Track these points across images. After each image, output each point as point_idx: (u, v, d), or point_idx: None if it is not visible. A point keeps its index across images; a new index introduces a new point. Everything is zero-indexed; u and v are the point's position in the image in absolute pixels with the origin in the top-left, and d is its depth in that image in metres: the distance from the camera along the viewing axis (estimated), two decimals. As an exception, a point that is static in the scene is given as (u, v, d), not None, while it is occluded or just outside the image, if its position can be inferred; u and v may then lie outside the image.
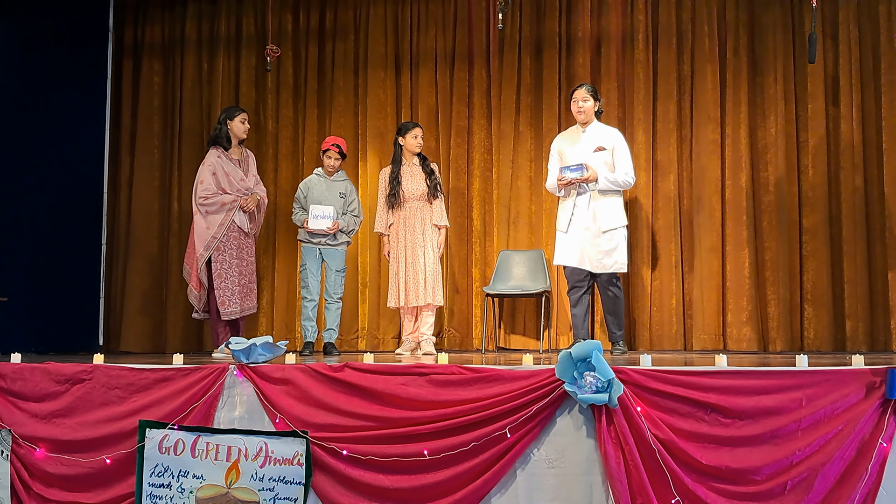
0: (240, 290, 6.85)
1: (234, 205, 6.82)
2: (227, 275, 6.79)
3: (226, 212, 6.80)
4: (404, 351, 7.00)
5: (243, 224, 6.87)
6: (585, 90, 6.68)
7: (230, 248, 6.81)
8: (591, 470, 4.32)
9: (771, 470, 4.10)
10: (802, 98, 7.62)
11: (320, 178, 7.23)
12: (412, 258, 6.91)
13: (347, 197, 7.27)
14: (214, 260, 6.77)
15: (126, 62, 8.88)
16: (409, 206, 6.96)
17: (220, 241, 6.77)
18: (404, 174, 6.98)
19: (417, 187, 6.95)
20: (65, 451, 5.00)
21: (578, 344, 4.32)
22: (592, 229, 6.49)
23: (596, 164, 6.53)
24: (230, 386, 4.89)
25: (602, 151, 6.57)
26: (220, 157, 6.91)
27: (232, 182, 6.86)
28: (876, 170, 7.38)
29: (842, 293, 7.37)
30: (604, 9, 8.05)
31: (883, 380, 4.09)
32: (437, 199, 7.02)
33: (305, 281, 7.11)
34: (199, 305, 6.91)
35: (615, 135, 6.70)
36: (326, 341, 7.14)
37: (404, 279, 6.92)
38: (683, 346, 7.63)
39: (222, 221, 6.79)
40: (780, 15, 7.69)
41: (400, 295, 6.94)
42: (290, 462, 4.63)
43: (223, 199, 6.81)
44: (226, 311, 6.79)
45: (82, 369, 5.12)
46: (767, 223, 7.56)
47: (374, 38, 8.48)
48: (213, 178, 6.82)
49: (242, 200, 6.85)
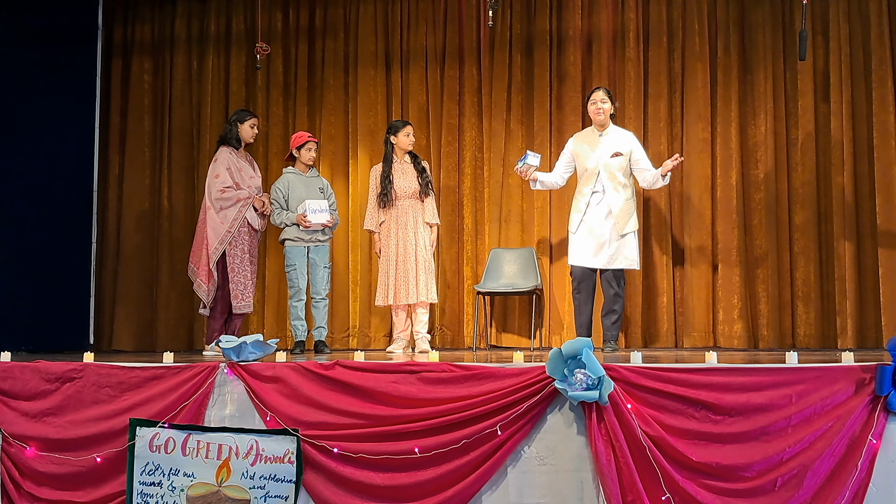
0: (251, 287, 6.92)
1: (248, 201, 6.89)
2: (240, 269, 6.84)
3: (239, 207, 6.86)
4: (396, 349, 7.00)
5: (254, 221, 6.94)
6: (604, 92, 6.72)
7: (242, 243, 6.87)
8: (581, 467, 4.32)
9: (761, 467, 4.11)
10: (793, 95, 7.63)
11: (297, 176, 7.18)
12: (403, 256, 6.91)
13: (326, 191, 7.26)
14: (228, 254, 6.84)
15: (115, 60, 8.86)
16: (400, 205, 6.96)
17: (234, 235, 6.83)
18: (396, 172, 6.98)
19: (409, 185, 6.95)
20: (55, 449, 4.99)
21: (569, 341, 4.32)
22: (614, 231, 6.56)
23: (612, 169, 6.60)
24: (221, 384, 4.88)
25: (618, 157, 6.62)
26: (231, 154, 6.98)
27: (244, 179, 6.95)
28: (866, 166, 7.39)
29: (832, 290, 7.38)
30: (595, 7, 8.05)
31: (873, 376, 4.11)
32: (429, 196, 7.03)
33: (294, 281, 7.05)
34: (207, 300, 6.90)
35: (630, 138, 6.75)
36: (317, 339, 7.10)
37: (394, 277, 6.91)
38: (675, 343, 7.64)
39: (236, 217, 6.85)
40: (771, 12, 7.71)
41: (389, 293, 6.93)
42: (280, 460, 4.62)
43: (239, 194, 6.88)
44: (238, 305, 6.85)
45: (72, 368, 5.12)
46: (757, 221, 7.57)
47: (365, 35, 8.47)
48: (228, 173, 6.90)
49: (256, 199, 6.90)
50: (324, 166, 8.42)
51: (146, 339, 8.48)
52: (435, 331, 8.03)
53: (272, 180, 8.29)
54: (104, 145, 8.76)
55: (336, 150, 8.46)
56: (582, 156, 6.74)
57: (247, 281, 6.87)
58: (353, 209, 8.29)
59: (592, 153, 6.68)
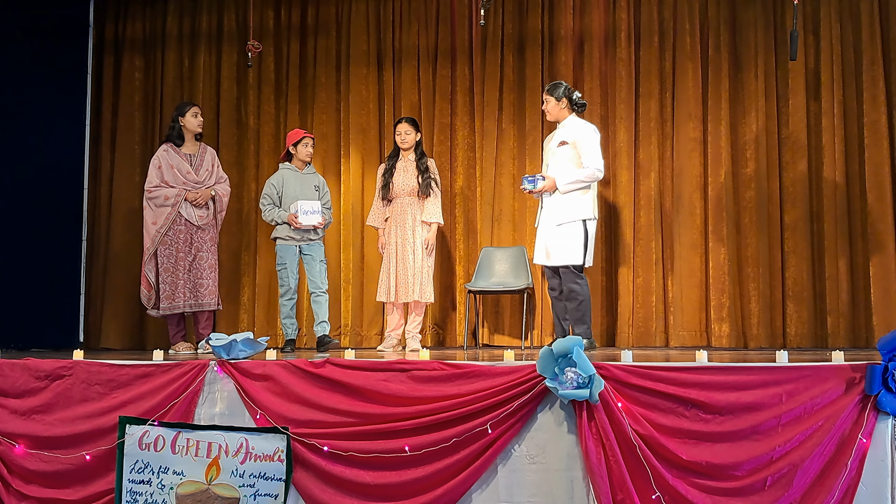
0: (187, 285, 6.83)
1: (177, 198, 6.82)
2: (173, 268, 6.80)
3: (171, 205, 6.81)
4: (386, 347, 7.01)
5: (191, 217, 6.86)
6: (546, 92, 6.61)
7: (178, 241, 6.82)
8: (572, 465, 4.33)
9: (751, 465, 4.12)
10: (784, 94, 7.64)
11: (293, 172, 7.13)
12: (402, 254, 6.94)
13: (322, 189, 7.24)
14: (160, 254, 6.82)
15: (107, 57, 8.82)
16: (399, 202, 7.00)
17: (166, 234, 6.80)
18: (398, 169, 7.03)
19: (408, 183, 6.97)
20: (44, 447, 4.99)
21: (559, 340, 4.32)
22: (550, 223, 6.44)
23: (559, 159, 6.49)
24: (211, 382, 4.88)
25: (564, 146, 6.49)
26: (167, 152, 6.96)
27: (177, 175, 6.88)
28: (857, 166, 7.40)
29: (823, 289, 7.39)
30: (586, 7, 8.05)
31: (863, 376, 4.12)
32: (430, 196, 7.03)
33: (285, 279, 6.99)
34: (147, 303, 6.92)
35: (581, 128, 6.52)
36: (321, 335, 6.98)
37: (395, 275, 6.95)
38: (665, 342, 7.64)
39: (168, 214, 6.81)
40: (762, 12, 7.71)
41: (390, 290, 6.97)
42: (270, 458, 4.62)
43: (166, 192, 6.84)
44: (164, 306, 6.81)
45: (62, 365, 5.11)
46: (748, 220, 7.57)
47: (357, 34, 8.46)
48: (158, 172, 6.89)
49: (189, 194, 6.84)
50: (315, 165, 8.40)
51: (136, 336, 8.45)
52: (427, 329, 8.02)
53: (263, 178, 8.30)
54: (95, 142, 8.73)
55: (328, 149, 8.44)
56: (545, 150, 6.76)
57: (178, 281, 6.78)
58: (345, 208, 8.28)
59: (549, 146, 6.68)
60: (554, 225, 6.39)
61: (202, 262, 6.90)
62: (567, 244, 6.35)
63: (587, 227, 6.41)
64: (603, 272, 7.74)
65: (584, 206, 6.43)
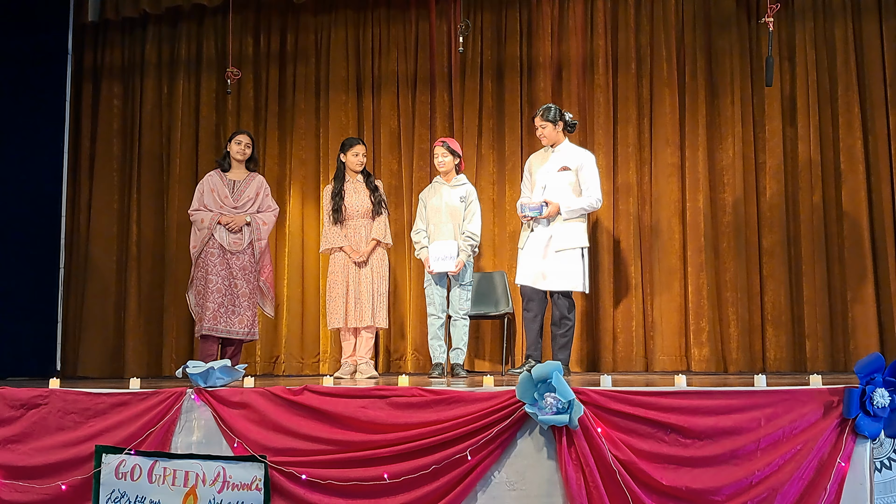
0: (220, 309, 6.75)
1: (212, 222, 6.81)
2: (204, 291, 6.76)
3: (206, 228, 6.81)
4: (344, 374, 6.80)
5: (223, 240, 6.82)
6: (540, 117, 6.56)
7: (211, 264, 6.78)
8: (552, 492, 4.30)
9: (731, 490, 4.10)
10: (760, 120, 7.70)
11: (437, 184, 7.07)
12: (355, 277, 6.80)
13: (467, 198, 6.98)
14: (195, 277, 6.85)
15: (85, 84, 8.82)
16: (352, 224, 6.87)
17: (199, 257, 6.82)
18: (347, 190, 6.91)
19: (361, 204, 6.88)
20: (20, 477, 4.93)
21: (538, 365, 4.31)
22: (548, 249, 6.42)
23: (559, 183, 6.46)
24: (188, 410, 4.84)
25: (566, 172, 6.48)
26: (211, 177, 7.02)
27: (215, 199, 6.90)
28: (833, 190, 7.46)
29: (801, 313, 7.42)
30: (564, 34, 8.11)
31: (841, 399, 4.12)
32: (381, 215, 6.94)
33: (431, 297, 6.92)
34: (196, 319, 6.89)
35: (583, 156, 6.56)
36: (454, 362, 6.85)
37: (352, 299, 6.78)
38: (645, 367, 7.65)
39: (203, 237, 6.82)
40: (738, 38, 7.79)
41: (341, 316, 6.78)
42: (248, 487, 4.57)
43: (203, 215, 6.86)
44: (197, 328, 6.82)
45: (38, 394, 5.06)
46: (726, 244, 7.61)
47: (336, 61, 8.50)
48: (200, 196, 6.95)
49: (223, 217, 6.83)
50: (294, 190, 8.41)
51: (114, 364, 8.40)
52: (407, 356, 8.00)
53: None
54: (73, 169, 8.71)
55: (307, 175, 8.45)
56: (534, 172, 6.69)
57: (210, 304, 6.70)
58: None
59: (542, 168, 6.61)
60: (553, 251, 6.39)
61: (236, 289, 6.83)
62: (569, 269, 6.37)
63: (583, 255, 6.47)
64: (584, 297, 7.73)
65: (582, 234, 6.49)
